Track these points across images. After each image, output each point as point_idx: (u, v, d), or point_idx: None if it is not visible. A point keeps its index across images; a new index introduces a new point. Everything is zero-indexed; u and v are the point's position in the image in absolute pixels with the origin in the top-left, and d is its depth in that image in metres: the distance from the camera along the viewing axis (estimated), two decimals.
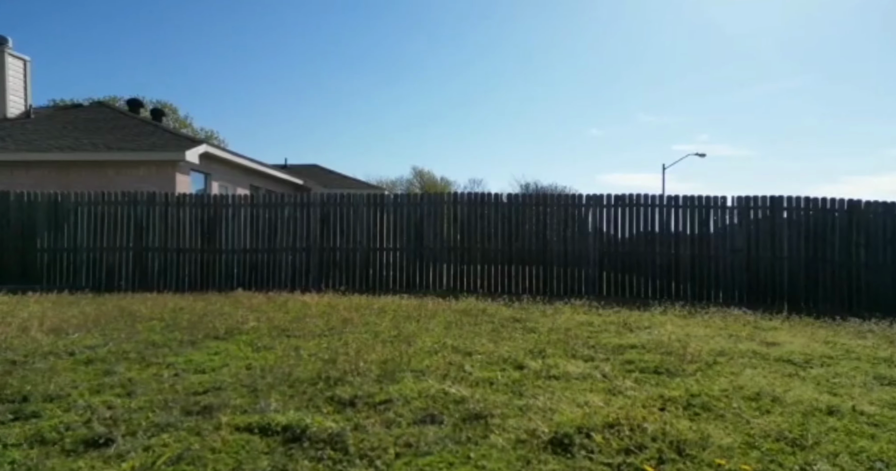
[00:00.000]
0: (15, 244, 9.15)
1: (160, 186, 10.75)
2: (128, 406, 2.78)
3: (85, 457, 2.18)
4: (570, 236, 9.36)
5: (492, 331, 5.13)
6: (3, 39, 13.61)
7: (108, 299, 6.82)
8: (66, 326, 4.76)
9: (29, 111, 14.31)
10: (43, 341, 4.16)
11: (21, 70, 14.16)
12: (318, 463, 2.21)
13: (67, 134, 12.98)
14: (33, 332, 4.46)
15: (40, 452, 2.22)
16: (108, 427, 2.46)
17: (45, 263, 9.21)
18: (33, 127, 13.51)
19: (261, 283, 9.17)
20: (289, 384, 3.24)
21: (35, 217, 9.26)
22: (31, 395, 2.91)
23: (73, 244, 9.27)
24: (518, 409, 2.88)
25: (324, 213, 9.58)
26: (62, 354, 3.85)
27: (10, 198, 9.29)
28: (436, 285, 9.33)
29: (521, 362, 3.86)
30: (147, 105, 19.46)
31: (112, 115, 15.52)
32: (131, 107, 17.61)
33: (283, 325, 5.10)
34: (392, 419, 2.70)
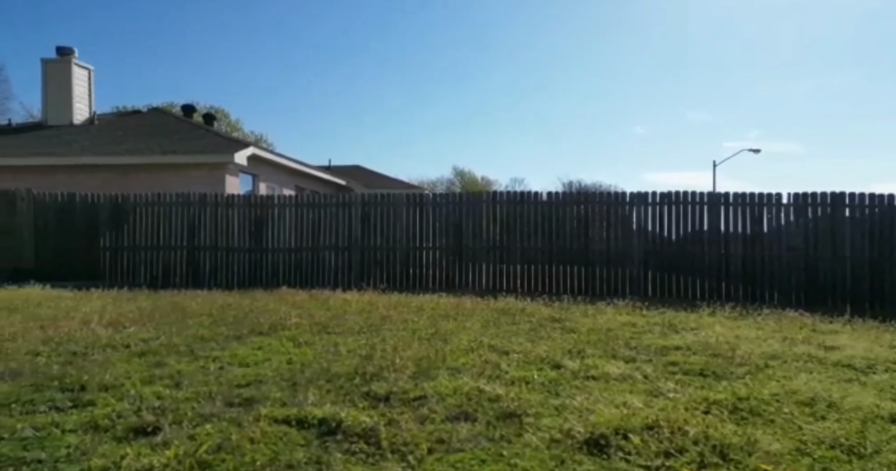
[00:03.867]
0: (81, 244, 9.77)
1: (211, 187, 11.21)
2: (175, 397, 2.91)
3: (133, 444, 2.29)
4: (613, 235, 9.12)
5: (530, 330, 5.06)
6: (69, 50, 14.57)
7: (162, 296, 7.16)
8: (124, 320, 5.03)
9: (93, 118, 15.25)
10: (102, 334, 4.41)
11: (86, 79, 15.10)
12: (352, 456, 2.24)
13: (127, 139, 13.75)
14: (94, 325, 4.73)
15: (93, 438, 2.34)
16: (156, 416, 2.58)
17: (108, 261, 9.78)
18: (97, 132, 14.40)
19: (304, 281, 9.41)
20: (326, 379, 3.30)
21: (98, 218, 9.85)
22: (88, 384, 3.08)
23: (132, 243, 9.81)
24: (553, 408, 2.82)
25: (365, 212, 9.73)
26: (119, 346, 4.07)
27: (77, 200, 9.92)
28: (475, 285, 9.30)
29: (559, 362, 3.79)
30: (200, 110, 20.38)
31: (168, 120, 16.34)
32: (185, 112, 18.49)
33: (323, 321, 5.21)
34: (426, 416, 2.70)
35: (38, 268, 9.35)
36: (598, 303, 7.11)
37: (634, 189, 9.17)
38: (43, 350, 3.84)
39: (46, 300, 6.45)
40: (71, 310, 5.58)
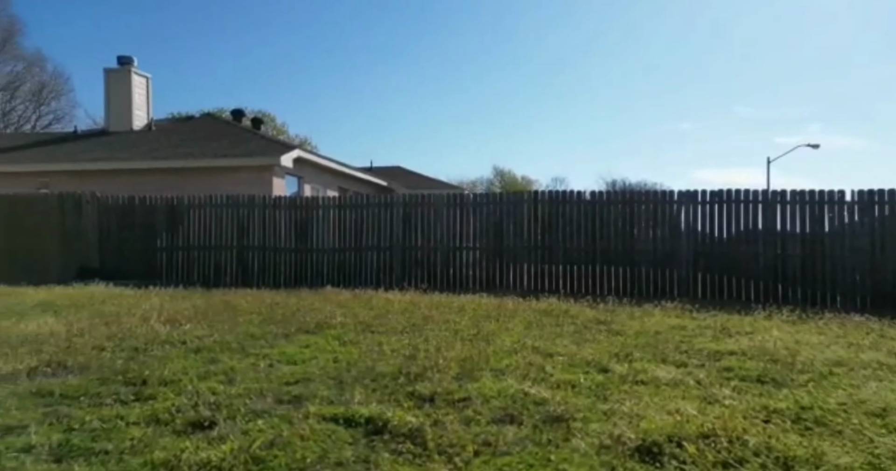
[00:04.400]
0: (140, 244, 10.30)
1: (259, 189, 11.59)
2: (229, 393, 3.01)
3: (192, 437, 2.38)
4: (660, 235, 8.85)
5: (574, 332, 4.96)
6: (129, 59, 15.39)
7: (214, 294, 7.46)
8: (180, 317, 5.25)
9: (151, 124, 16.05)
10: (160, 331, 4.62)
11: (144, 87, 15.92)
12: (398, 456, 2.25)
13: (182, 144, 14.40)
14: (153, 322, 4.97)
15: (155, 431, 2.46)
16: (211, 411, 2.68)
17: (164, 260, 10.26)
18: (154, 138, 15.14)
19: (348, 280, 9.58)
20: (372, 378, 3.34)
21: (155, 219, 10.35)
22: (149, 379, 3.23)
23: (186, 243, 10.25)
24: (602, 413, 2.75)
25: (406, 213, 9.81)
26: (176, 343, 4.25)
27: (136, 202, 10.46)
28: (516, 285, 9.22)
29: (606, 366, 3.69)
30: (248, 114, 21.10)
31: (218, 125, 17.00)
32: (235, 117, 19.19)
33: (367, 321, 5.28)
34: (471, 417, 2.69)
35: (102, 267, 9.92)
36: (645, 305, 6.91)
37: (681, 187, 8.85)
38: (107, 345, 4.06)
39: (110, 298, 6.83)
40: (132, 307, 5.89)
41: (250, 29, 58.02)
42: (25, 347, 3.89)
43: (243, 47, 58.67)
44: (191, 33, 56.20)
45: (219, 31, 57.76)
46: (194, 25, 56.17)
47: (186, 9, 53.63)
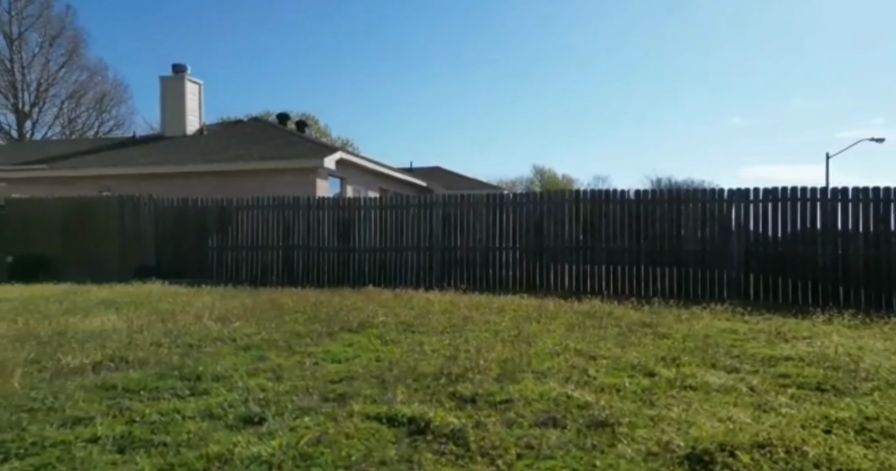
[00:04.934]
0: (192, 244, 10.78)
1: (303, 190, 11.90)
2: (277, 389, 3.10)
3: (243, 432, 2.47)
4: (708, 235, 8.53)
5: (618, 335, 4.85)
6: (182, 67, 16.13)
7: (261, 293, 7.71)
8: (230, 315, 5.46)
9: (202, 128, 16.77)
10: (212, 328, 4.82)
11: (196, 93, 16.65)
12: (441, 457, 2.27)
13: (231, 147, 14.97)
14: (205, 320, 5.19)
15: (209, 425, 2.56)
16: (261, 407, 2.77)
17: (215, 259, 10.70)
18: (206, 142, 15.80)
19: (388, 280, 9.71)
20: (413, 378, 3.37)
21: (206, 220, 10.81)
22: (203, 375, 3.38)
23: (235, 243, 10.66)
24: (649, 419, 2.68)
25: (445, 213, 9.84)
26: (226, 340, 4.42)
27: (189, 204, 10.95)
28: (557, 286, 9.10)
29: (652, 370, 3.59)
30: (293, 118, 21.73)
31: (265, 128, 17.58)
32: (280, 120, 19.79)
33: (408, 320, 5.34)
34: (513, 419, 2.67)
35: (158, 265, 10.44)
36: (693, 307, 6.67)
37: (731, 185, 8.50)
38: (164, 342, 4.27)
39: (165, 296, 7.17)
40: (185, 305, 6.16)
41: (294, 33, 59.56)
42: (91, 343, 4.14)
43: (287, 51, 60.33)
44: (237, 39, 58.24)
45: (262, 36, 59.59)
46: (239, 31, 58.17)
47: (231, 17, 55.60)
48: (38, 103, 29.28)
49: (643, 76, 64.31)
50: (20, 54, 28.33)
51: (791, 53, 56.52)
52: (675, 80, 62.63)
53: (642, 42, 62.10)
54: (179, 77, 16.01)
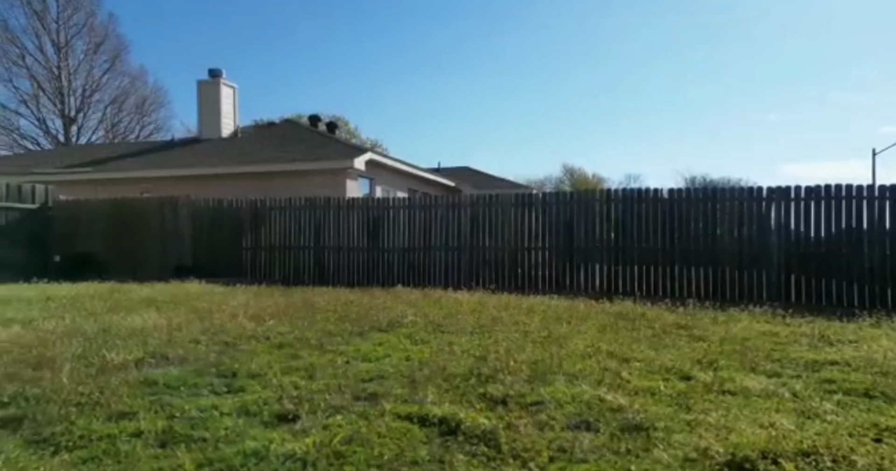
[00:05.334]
0: (227, 244, 11.07)
1: (334, 190, 12.08)
2: (310, 388, 3.15)
3: (278, 429, 2.52)
4: (746, 235, 8.27)
5: (652, 337, 4.75)
6: (218, 72, 16.60)
7: (294, 292, 7.86)
8: (264, 314, 5.58)
9: (237, 131, 17.22)
10: (247, 327, 4.94)
11: (231, 96, 17.12)
12: (473, 458, 2.26)
13: (264, 149, 15.31)
14: (240, 318, 5.32)
15: (245, 421, 2.63)
16: (295, 405, 2.82)
17: (249, 259, 10.96)
18: (240, 144, 16.21)
19: (417, 280, 9.75)
20: (443, 378, 3.37)
21: (241, 220, 11.08)
22: (239, 372, 3.46)
23: (268, 243, 10.89)
24: (685, 424, 2.61)
25: (473, 213, 9.83)
26: (261, 338, 4.52)
27: (224, 205, 11.25)
28: (587, 286, 8.97)
29: (688, 373, 3.50)
30: (324, 119, 22.07)
31: (297, 130, 17.92)
32: (312, 122, 20.15)
33: (437, 320, 5.35)
34: (544, 422, 2.65)
35: (195, 265, 10.75)
36: (730, 309, 6.48)
37: (769, 183, 8.21)
38: (202, 339, 4.39)
39: (202, 294, 7.39)
40: (221, 304, 6.33)
41: (325, 35, 60.44)
42: (133, 340, 4.30)
43: (317, 53, 61.25)
44: (270, 42, 59.49)
45: (293, 39, 60.67)
46: (270, 34, 59.39)
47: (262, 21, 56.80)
48: (83, 109, 30.60)
49: (677, 73, 62.78)
50: (67, 61, 29.66)
51: (829, 46, 54.22)
52: (710, 77, 60.91)
53: (675, 38, 60.61)
54: (215, 81, 16.47)
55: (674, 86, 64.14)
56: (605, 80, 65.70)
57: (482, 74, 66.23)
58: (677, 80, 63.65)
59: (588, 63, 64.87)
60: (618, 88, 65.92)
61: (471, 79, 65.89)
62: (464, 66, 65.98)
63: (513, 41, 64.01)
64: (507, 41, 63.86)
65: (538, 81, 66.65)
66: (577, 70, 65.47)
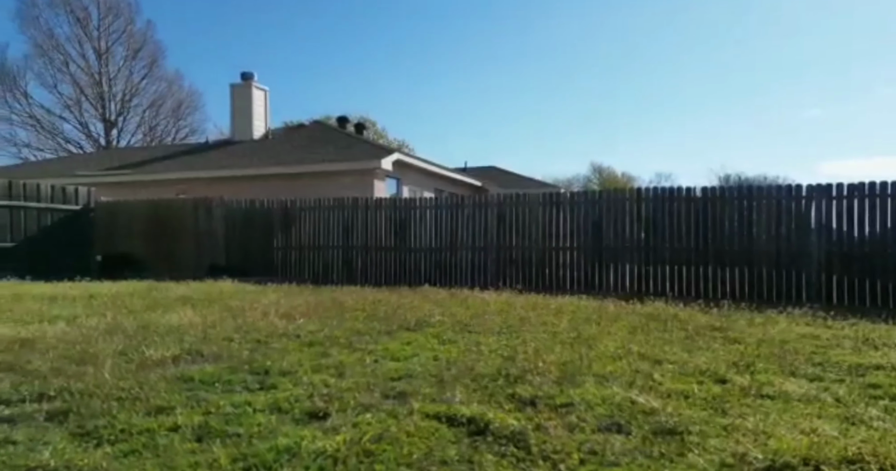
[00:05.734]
0: (259, 243, 11.32)
1: (361, 191, 12.22)
2: (339, 386, 3.19)
3: (309, 427, 2.56)
4: (784, 234, 8.00)
5: (685, 339, 4.64)
6: (250, 75, 16.99)
7: (323, 291, 7.98)
8: (294, 312, 5.68)
9: (268, 133, 17.60)
10: (278, 325, 5.03)
11: (262, 99, 17.51)
12: (502, 459, 2.25)
13: (294, 150, 15.60)
14: (271, 316, 5.43)
15: (277, 418, 2.67)
16: (325, 403, 2.85)
17: (279, 258, 11.19)
18: (271, 145, 16.56)
19: (444, 279, 9.77)
20: (471, 378, 3.37)
21: (272, 221, 11.32)
22: (271, 369, 3.53)
23: (298, 243, 11.10)
24: (721, 428, 2.54)
25: (500, 212, 9.79)
26: (291, 336, 4.60)
27: (256, 205, 11.50)
28: (616, 287, 8.83)
29: (723, 376, 3.41)
30: (352, 120, 22.36)
31: (325, 131, 18.20)
32: (340, 123, 20.44)
33: (464, 320, 5.35)
34: (574, 424, 2.61)
35: (228, 264, 11.04)
36: (767, 310, 6.28)
37: (809, 181, 7.92)
38: (235, 337, 4.50)
39: (235, 293, 7.57)
40: (253, 302, 6.47)
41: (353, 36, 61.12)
42: (170, 337, 4.43)
43: (345, 53, 61.97)
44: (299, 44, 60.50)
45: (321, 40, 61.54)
46: (300, 36, 60.39)
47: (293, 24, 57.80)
48: (122, 113, 31.79)
49: (711, 68, 61.15)
50: (107, 67, 30.86)
51: (877, 37, 51.82)
52: (746, 72, 59.13)
53: (710, 31, 59.03)
54: (247, 84, 16.87)
55: (708, 81, 62.49)
56: (635, 75, 64.51)
57: (509, 72, 65.89)
58: (711, 75, 62.02)
59: (618, 59, 63.84)
60: (648, 85, 64.66)
61: (498, 77, 65.63)
62: (490, 65, 65.75)
63: (541, 38, 63.46)
64: (535, 38, 63.34)
65: (566, 79, 65.92)
66: (606, 66, 64.49)
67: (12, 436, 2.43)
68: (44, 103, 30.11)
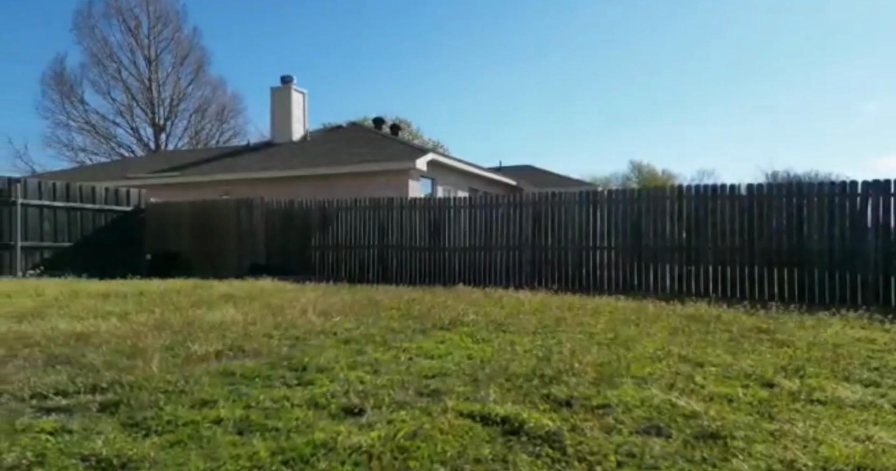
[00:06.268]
0: (297, 243, 11.60)
1: (396, 191, 12.34)
2: (375, 383, 3.23)
3: (345, 422, 2.60)
4: (837, 233, 7.61)
5: (729, 341, 4.47)
6: (289, 78, 17.43)
7: (359, 290, 8.09)
8: (331, 310, 5.79)
9: (307, 135, 18.00)
10: (316, 322, 5.14)
11: (301, 102, 17.93)
12: (537, 459, 2.23)
13: (331, 151, 15.90)
14: (309, 314, 5.54)
15: (314, 413, 2.73)
16: (360, 399, 2.89)
17: (317, 258, 11.43)
18: (309, 147, 16.93)
19: (478, 279, 9.75)
20: (505, 378, 3.34)
21: (310, 221, 11.57)
22: (308, 366, 3.60)
23: (335, 242, 11.31)
24: (768, 434, 2.44)
25: (535, 212, 9.69)
26: (328, 333, 4.69)
27: (294, 206, 11.79)
28: (656, 288, 8.60)
29: (770, 380, 3.26)
30: (387, 121, 22.61)
31: (362, 132, 18.47)
32: (376, 124, 20.70)
33: (498, 320, 5.32)
34: (611, 425, 2.56)
35: (268, 263, 11.35)
36: (818, 313, 5.98)
37: (864, 177, 7.51)
38: (274, 334, 4.62)
39: (275, 291, 7.77)
40: (292, 300, 6.63)
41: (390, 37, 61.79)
42: (213, 333, 4.59)
43: (381, 54, 62.70)
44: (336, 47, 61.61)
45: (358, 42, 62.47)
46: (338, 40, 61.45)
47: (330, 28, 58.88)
48: (170, 117, 33.17)
49: (756, 60, 58.71)
50: (157, 74, 32.28)
51: None
52: (794, 64, 56.44)
53: (756, 22, 56.66)
54: (286, 88, 17.31)
55: (754, 74, 60.03)
56: (677, 69, 62.63)
57: (545, 70, 65.13)
58: (757, 68, 59.51)
59: (657, 53, 62.11)
60: (690, 78, 62.65)
61: (533, 75, 65.02)
62: (526, 63, 65.18)
63: (576, 34, 62.44)
64: (571, 35, 62.39)
65: (603, 75, 64.66)
66: (645, 60, 62.88)
67: (69, 425, 2.57)
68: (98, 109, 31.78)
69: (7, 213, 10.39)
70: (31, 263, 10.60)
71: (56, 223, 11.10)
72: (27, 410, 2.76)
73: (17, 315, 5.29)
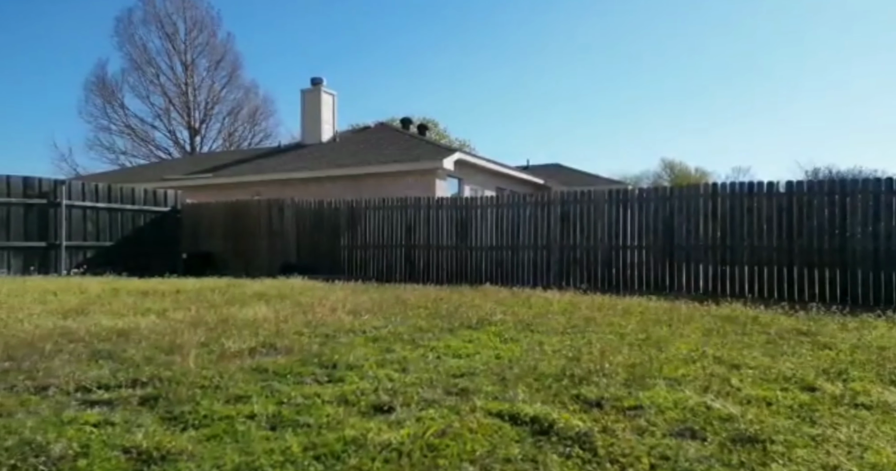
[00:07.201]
0: (327, 242, 11.77)
1: (423, 190, 12.39)
2: (403, 380, 3.25)
3: (374, 419, 2.63)
4: (883, 232, 7.28)
5: (766, 343, 4.33)
6: (319, 80, 17.70)
7: (387, 288, 8.16)
8: (360, 309, 5.86)
9: (335, 136, 18.26)
10: (345, 320, 5.21)
11: (331, 103, 18.19)
12: (567, 460, 2.20)
13: (359, 152, 16.08)
14: (339, 313, 5.62)
15: (344, 410, 2.76)
16: (390, 397, 2.92)
17: (346, 257, 11.58)
18: (338, 148, 17.17)
19: (505, 278, 9.71)
20: (534, 377, 3.32)
21: (339, 220, 11.73)
22: (338, 363, 3.65)
23: (363, 242, 11.43)
24: (809, 438, 2.35)
25: (563, 211, 9.59)
26: (357, 331, 4.75)
27: (324, 206, 11.97)
28: (689, 288, 8.39)
29: (811, 383, 3.15)
30: (414, 121, 22.73)
31: (389, 133, 18.62)
32: (403, 124, 20.85)
33: (526, 319, 5.28)
34: (644, 427, 2.51)
35: (298, 262, 11.57)
36: (862, 314, 5.73)
37: None
38: (305, 331, 4.70)
39: (305, 290, 7.91)
40: (322, 299, 6.74)
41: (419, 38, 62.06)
42: (246, 330, 4.70)
43: (410, 54, 63.02)
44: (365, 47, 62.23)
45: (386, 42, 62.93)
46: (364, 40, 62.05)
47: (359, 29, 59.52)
48: (205, 120, 34.13)
49: (793, 51, 56.62)
50: (192, 78, 33.25)
51: None
52: (835, 56, 54.17)
53: (794, 17, 54.63)
54: (316, 89, 17.58)
55: (790, 67, 57.91)
56: (710, 62, 60.94)
57: (573, 68, 64.33)
58: (796, 60, 57.39)
59: (689, 48, 60.58)
60: (724, 72, 60.85)
61: (561, 73, 64.29)
62: (553, 61, 64.51)
63: (603, 30, 61.46)
64: (600, 31, 61.46)
65: (632, 72, 63.48)
66: (676, 56, 61.40)
67: (111, 418, 2.67)
68: (137, 113, 32.96)
69: (53, 214, 10.87)
70: (74, 261, 11.07)
71: (98, 223, 11.56)
72: (72, 402, 2.88)
73: (62, 312, 5.53)
